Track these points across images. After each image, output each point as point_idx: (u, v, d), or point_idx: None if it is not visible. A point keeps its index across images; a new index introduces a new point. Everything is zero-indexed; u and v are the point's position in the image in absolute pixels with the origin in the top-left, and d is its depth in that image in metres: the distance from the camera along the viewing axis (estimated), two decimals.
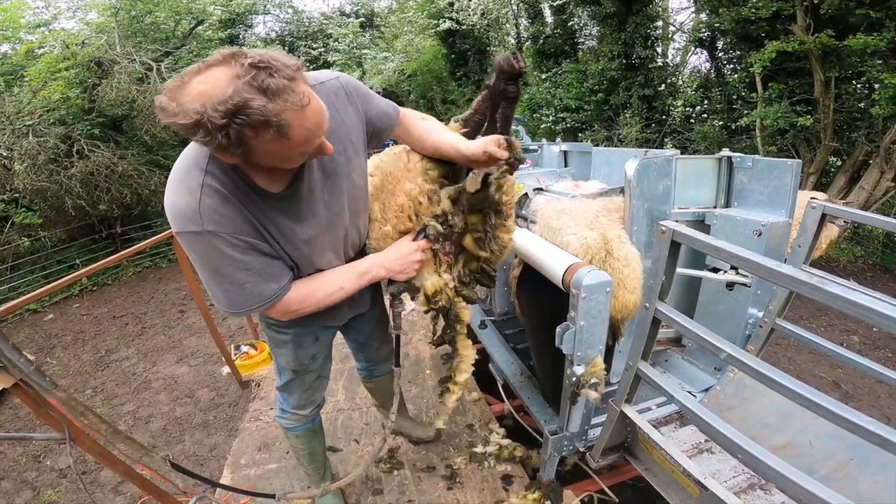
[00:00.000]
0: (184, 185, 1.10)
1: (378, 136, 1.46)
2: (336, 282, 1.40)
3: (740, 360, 1.02)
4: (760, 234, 1.84)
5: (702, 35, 8.66)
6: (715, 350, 1.08)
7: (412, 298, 1.62)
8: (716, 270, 2.00)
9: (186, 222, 1.09)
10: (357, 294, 1.62)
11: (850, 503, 1.06)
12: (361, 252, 1.64)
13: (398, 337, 1.77)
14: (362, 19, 18.19)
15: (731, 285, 2.00)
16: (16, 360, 1.32)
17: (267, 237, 1.22)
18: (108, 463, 1.86)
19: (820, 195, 2.38)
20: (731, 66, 8.51)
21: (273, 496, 1.90)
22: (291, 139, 0.97)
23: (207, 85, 0.89)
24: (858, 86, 6.33)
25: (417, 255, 1.48)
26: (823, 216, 1.54)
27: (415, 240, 1.49)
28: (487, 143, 1.40)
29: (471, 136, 1.49)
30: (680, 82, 10.02)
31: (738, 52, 7.87)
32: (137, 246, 3.16)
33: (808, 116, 6.10)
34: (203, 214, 1.08)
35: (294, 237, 1.27)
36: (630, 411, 1.61)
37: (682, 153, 2.00)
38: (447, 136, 1.49)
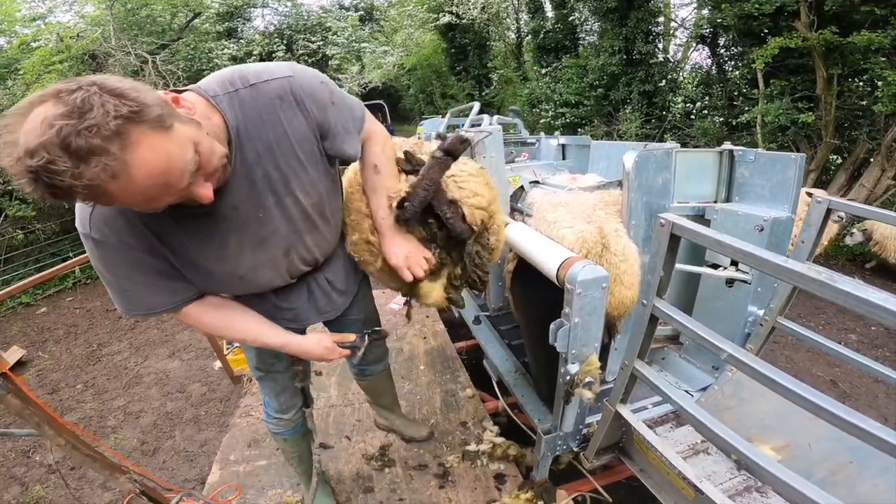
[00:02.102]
0: None
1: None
2: (240, 332, 1.38)
3: (741, 360, 0.98)
4: (762, 230, 1.78)
5: (703, 31, 8.60)
6: (715, 350, 1.03)
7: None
8: (715, 266, 1.95)
9: (79, 223, 1.08)
10: (324, 300, 1.59)
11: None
12: (338, 264, 1.59)
13: (303, 388, 1.86)
14: (361, 13, 18.10)
15: (730, 282, 1.95)
16: None
17: (165, 253, 1.15)
18: (89, 460, 1.81)
19: (820, 192, 2.33)
20: (733, 62, 8.46)
21: None
22: (115, 201, 0.85)
23: (31, 124, 0.75)
24: (861, 83, 6.28)
25: (326, 357, 1.53)
26: (829, 211, 1.49)
27: (343, 346, 1.57)
28: (398, 261, 1.39)
29: (413, 211, 1.33)
30: (681, 78, 9.98)
31: (740, 49, 7.82)
32: None
33: (810, 113, 6.05)
34: (92, 221, 1.06)
35: (209, 253, 1.18)
36: (625, 411, 1.57)
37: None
38: (377, 206, 1.38)
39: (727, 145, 2.00)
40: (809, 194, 1.78)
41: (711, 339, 1.05)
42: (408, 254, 1.40)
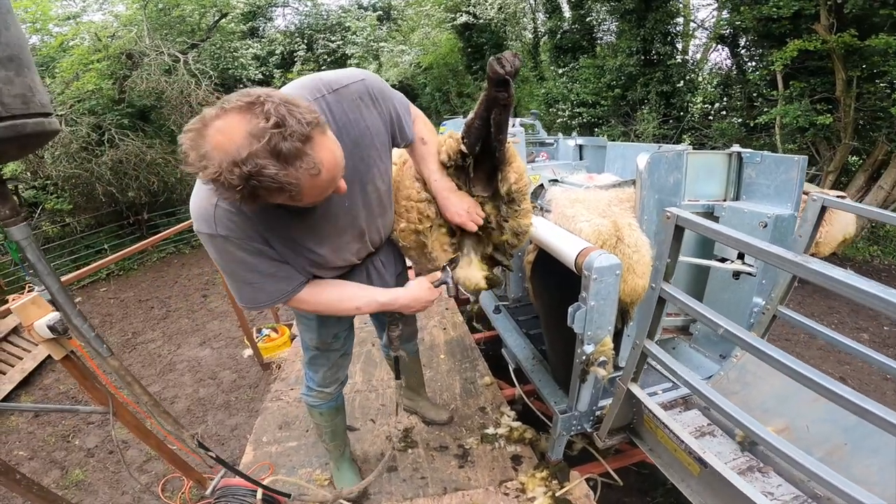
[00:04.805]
0: (207, 189, 1.13)
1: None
2: (355, 300, 1.48)
3: (736, 335, 1.11)
4: (766, 226, 1.91)
5: (723, 32, 8.58)
6: (713, 326, 1.17)
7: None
8: (723, 260, 2.07)
9: (202, 224, 1.17)
10: (379, 282, 1.71)
11: (843, 479, 1.14)
12: (388, 248, 1.73)
13: (397, 359, 1.95)
14: (380, 12, 18.28)
15: (737, 275, 2.07)
16: (80, 326, 1.43)
17: (275, 244, 1.26)
18: (143, 436, 1.96)
19: (816, 190, 2.40)
20: (753, 63, 8.43)
21: (288, 496, 1.90)
22: (303, 199, 1.00)
23: (224, 136, 0.87)
24: (882, 85, 6.25)
25: (432, 299, 1.59)
26: (823, 208, 1.61)
27: (436, 285, 1.60)
28: (461, 217, 1.49)
29: (471, 145, 1.44)
30: (700, 79, 9.94)
31: (760, 50, 7.80)
32: (165, 233, 3.33)
33: (829, 115, 6.05)
34: (217, 220, 1.15)
35: (305, 242, 1.31)
36: (636, 389, 1.69)
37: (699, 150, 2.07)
38: (430, 171, 1.49)
39: (735, 147, 2.12)
40: (806, 193, 1.89)
41: (709, 315, 1.19)
42: (468, 208, 1.51)
